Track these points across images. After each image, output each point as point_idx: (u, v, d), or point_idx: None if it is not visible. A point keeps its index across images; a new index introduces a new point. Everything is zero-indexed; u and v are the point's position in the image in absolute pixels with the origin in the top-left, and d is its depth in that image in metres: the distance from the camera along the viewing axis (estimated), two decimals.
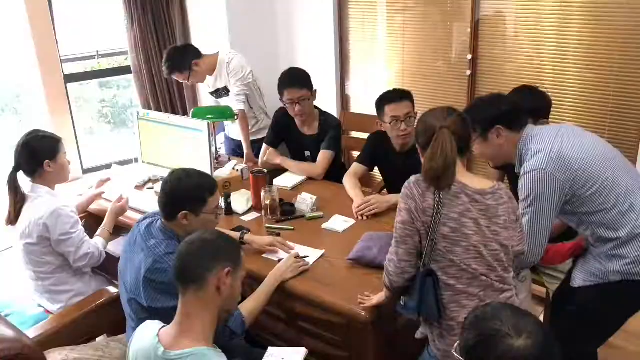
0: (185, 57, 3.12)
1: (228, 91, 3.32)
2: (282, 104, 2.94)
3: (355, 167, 2.81)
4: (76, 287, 2.34)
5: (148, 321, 1.57)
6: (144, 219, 1.97)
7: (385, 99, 2.53)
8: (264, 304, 1.91)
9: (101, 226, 2.48)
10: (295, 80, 2.83)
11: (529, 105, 2.19)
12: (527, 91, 2.35)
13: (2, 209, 2.31)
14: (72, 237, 2.25)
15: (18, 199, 2.25)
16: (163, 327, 1.51)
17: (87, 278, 2.40)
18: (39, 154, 2.26)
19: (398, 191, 2.60)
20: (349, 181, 2.72)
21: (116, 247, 2.54)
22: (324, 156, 2.90)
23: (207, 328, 1.48)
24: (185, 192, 1.82)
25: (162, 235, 1.85)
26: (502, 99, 2.04)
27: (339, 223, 2.39)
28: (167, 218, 1.86)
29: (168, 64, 3.10)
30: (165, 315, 1.59)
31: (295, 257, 2.06)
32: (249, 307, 1.86)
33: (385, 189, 3.29)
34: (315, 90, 2.89)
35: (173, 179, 1.85)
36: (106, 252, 2.41)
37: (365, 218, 2.43)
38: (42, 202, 2.23)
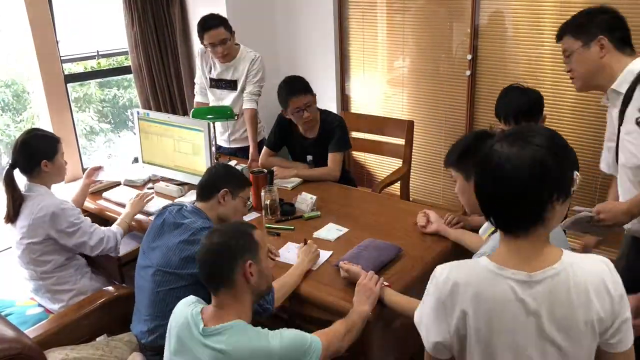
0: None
1: (234, 86, 3.29)
2: (285, 113, 2.88)
3: None
4: (77, 287, 2.34)
5: (190, 296, 1.62)
6: (170, 205, 2.09)
7: None
8: (292, 285, 1.93)
9: (121, 217, 2.49)
10: (298, 87, 2.79)
11: (519, 107, 2.18)
12: (516, 92, 2.33)
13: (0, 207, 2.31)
14: (80, 226, 2.26)
15: (16, 197, 2.24)
16: (204, 306, 1.58)
17: (88, 277, 2.40)
18: (37, 154, 2.25)
19: None
20: None
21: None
22: (335, 158, 2.88)
23: (246, 309, 1.55)
24: (232, 173, 2.08)
25: (194, 216, 1.96)
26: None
27: (332, 232, 2.32)
28: (203, 198, 2.01)
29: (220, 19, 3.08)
30: (192, 281, 1.84)
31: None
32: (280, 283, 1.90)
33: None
34: (315, 95, 2.88)
35: (220, 165, 2.14)
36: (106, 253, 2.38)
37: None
38: (42, 200, 2.23)
